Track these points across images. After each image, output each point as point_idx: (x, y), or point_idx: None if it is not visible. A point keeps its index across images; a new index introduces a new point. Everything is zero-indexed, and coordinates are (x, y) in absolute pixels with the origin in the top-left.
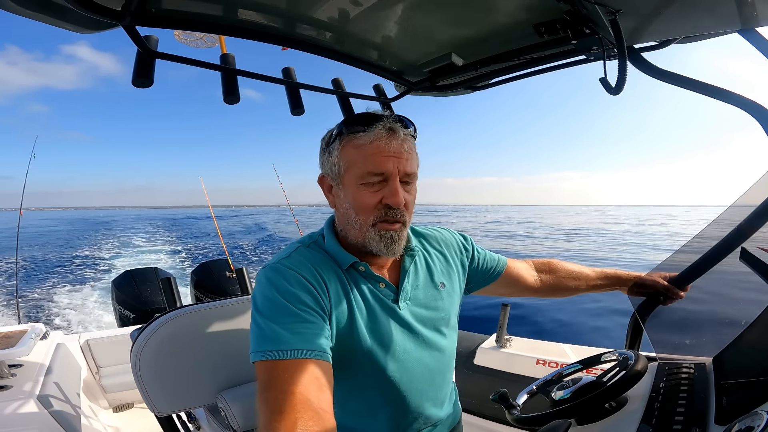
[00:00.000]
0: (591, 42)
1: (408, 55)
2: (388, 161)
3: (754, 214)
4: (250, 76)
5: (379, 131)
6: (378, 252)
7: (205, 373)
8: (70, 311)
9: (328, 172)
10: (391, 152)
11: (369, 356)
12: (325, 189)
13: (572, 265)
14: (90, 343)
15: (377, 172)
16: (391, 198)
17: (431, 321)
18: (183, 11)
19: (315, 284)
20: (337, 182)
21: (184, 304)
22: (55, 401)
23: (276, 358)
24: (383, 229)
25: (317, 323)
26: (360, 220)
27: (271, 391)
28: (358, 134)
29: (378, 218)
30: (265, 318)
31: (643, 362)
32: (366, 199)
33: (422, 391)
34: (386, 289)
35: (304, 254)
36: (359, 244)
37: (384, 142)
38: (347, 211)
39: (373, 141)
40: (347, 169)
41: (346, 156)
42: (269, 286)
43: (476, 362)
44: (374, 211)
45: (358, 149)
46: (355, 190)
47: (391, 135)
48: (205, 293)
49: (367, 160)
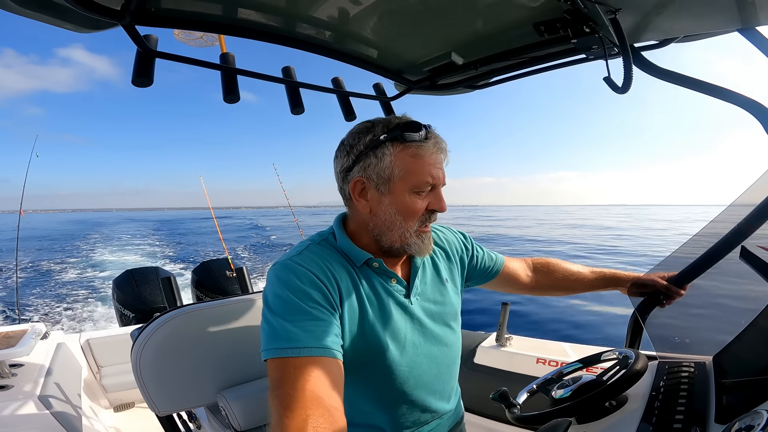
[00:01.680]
0: (591, 41)
1: (408, 54)
2: (440, 173)
3: (754, 213)
4: (250, 75)
5: (434, 144)
6: (418, 253)
7: (205, 372)
8: (68, 311)
9: (372, 176)
10: (440, 164)
11: (380, 351)
12: (356, 192)
13: (571, 264)
14: (90, 342)
15: (433, 183)
16: (439, 205)
17: (440, 315)
18: (182, 10)
19: (326, 281)
20: (383, 187)
21: (185, 304)
22: (56, 401)
23: (287, 355)
24: (423, 232)
25: (328, 321)
26: (407, 225)
27: (282, 388)
28: (416, 144)
29: (421, 223)
30: (276, 316)
31: (643, 361)
32: (417, 206)
33: (430, 384)
34: (398, 285)
35: (315, 251)
36: (394, 247)
37: (437, 155)
38: (391, 217)
39: (431, 153)
40: (402, 177)
41: (401, 164)
42: (280, 284)
43: (476, 361)
44: (420, 217)
45: (418, 159)
46: (406, 197)
47: (437, 147)
48: (206, 293)
49: (425, 171)
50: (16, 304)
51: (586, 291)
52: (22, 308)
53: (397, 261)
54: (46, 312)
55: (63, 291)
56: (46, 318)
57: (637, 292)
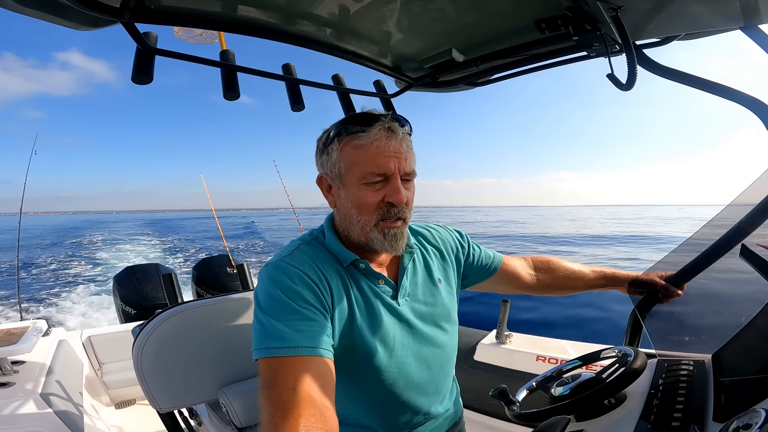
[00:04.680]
0: (592, 38)
1: (408, 51)
2: (390, 161)
3: (753, 212)
4: (250, 72)
5: (378, 131)
6: (382, 250)
7: (206, 369)
8: (71, 308)
9: (328, 172)
10: (391, 152)
11: (369, 352)
12: (324, 189)
13: (570, 263)
14: (92, 339)
15: (379, 172)
16: (393, 196)
17: (430, 317)
18: (182, 8)
19: (317, 281)
20: (337, 182)
21: (185, 300)
22: (58, 398)
23: (279, 355)
24: (386, 227)
25: (319, 321)
26: (363, 219)
27: (273, 388)
28: (357, 135)
29: (380, 217)
30: (267, 315)
31: (642, 359)
32: (368, 199)
33: (421, 386)
34: (385, 286)
35: (305, 251)
36: (362, 243)
37: (384, 142)
38: (349, 211)
39: (373, 141)
40: (348, 169)
41: (346, 156)
42: (271, 284)
43: (476, 358)
44: (377, 210)
45: (359, 149)
46: (356, 190)
47: (390, 135)
48: (206, 289)
49: (368, 161)
50: (18, 301)
51: (586, 290)
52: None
53: (385, 261)
54: (49, 307)
55: (64, 288)
56: (48, 314)
57: (635, 291)
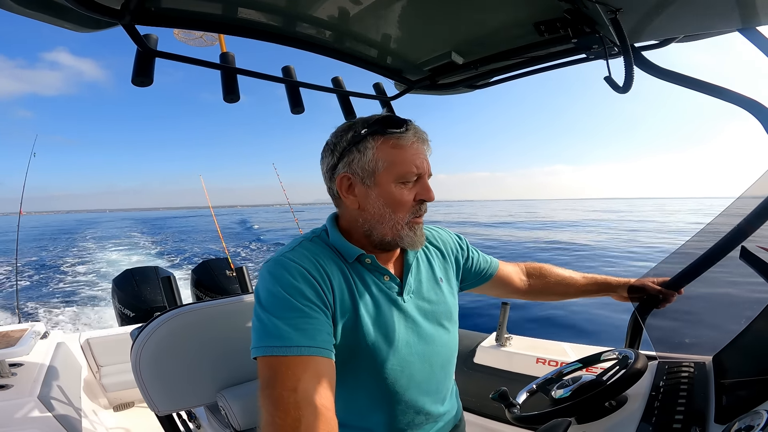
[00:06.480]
0: (591, 41)
1: (408, 54)
2: (424, 162)
3: (751, 215)
4: (250, 74)
5: (414, 134)
6: (410, 246)
7: (205, 371)
8: (68, 311)
9: (357, 171)
10: (423, 154)
11: (372, 349)
12: (343, 189)
13: (563, 270)
14: (90, 342)
15: (417, 172)
16: (426, 194)
17: (434, 314)
18: (182, 10)
19: (318, 278)
20: (369, 181)
21: (184, 303)
22: (56, 401)
23: (278, 354)
24: (415, 223)
25: (320, 319)
26: (397, 217)
27: (273, 387)
28: (396, 135)
29: (413, 214)
30: (267, 313)
31: (642, 361)
32: (405, 197)
33: (423, 384)
34: (390, 282)
35: (307, 248)
36: (386, 241)
37: (419, 144)
38: (380, 210)
39: (412, 143)
40: (386, 168)
41: (383, 155)
42: (272, 280)
43: (476, 361)
44: (411, 208)
45: (399, 149)
46: (392, 188)
47: (419, 138)
48: (205, 292)
49: (408, 161)
50: (16, 303)
51: (578, 296)
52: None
53: (390, 258)
54: (47, 310)
55: (63, 290)
56: (46, 317)
57: (629, 297)
